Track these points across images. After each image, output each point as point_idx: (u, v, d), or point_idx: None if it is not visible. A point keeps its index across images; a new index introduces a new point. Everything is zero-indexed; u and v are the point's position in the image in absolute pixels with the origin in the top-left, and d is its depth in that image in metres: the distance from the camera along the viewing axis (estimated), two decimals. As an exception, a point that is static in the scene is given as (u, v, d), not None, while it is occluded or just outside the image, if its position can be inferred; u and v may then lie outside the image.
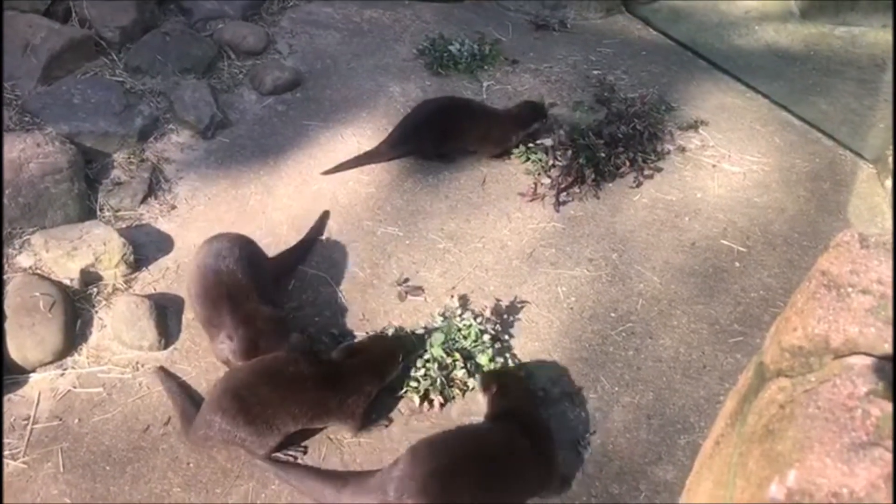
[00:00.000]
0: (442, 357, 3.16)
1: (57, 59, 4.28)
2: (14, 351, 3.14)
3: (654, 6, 5.78)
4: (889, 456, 1.06)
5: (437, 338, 3.21)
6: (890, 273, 1.32)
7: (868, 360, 1.22)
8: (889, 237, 1.44)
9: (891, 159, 4.14)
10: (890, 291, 1.30)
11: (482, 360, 3.18)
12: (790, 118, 4.72)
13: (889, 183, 4.12)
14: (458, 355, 3.17)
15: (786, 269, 3.75)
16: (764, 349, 1.43)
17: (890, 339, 1.24)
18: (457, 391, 3.14)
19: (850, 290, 1.33)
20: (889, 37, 5.44)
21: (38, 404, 3.08)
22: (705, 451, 1.56)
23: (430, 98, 4.45)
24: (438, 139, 4.18)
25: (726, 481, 1.34)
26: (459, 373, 3.14)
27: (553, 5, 5.54)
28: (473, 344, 3.23)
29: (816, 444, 1.11)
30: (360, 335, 3.34)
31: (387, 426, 3.05)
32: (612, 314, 3.52)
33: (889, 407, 1.12)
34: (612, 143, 4.21)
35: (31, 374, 3.18)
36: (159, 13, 4.90)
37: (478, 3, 5.81)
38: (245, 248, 3.27)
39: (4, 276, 3.36)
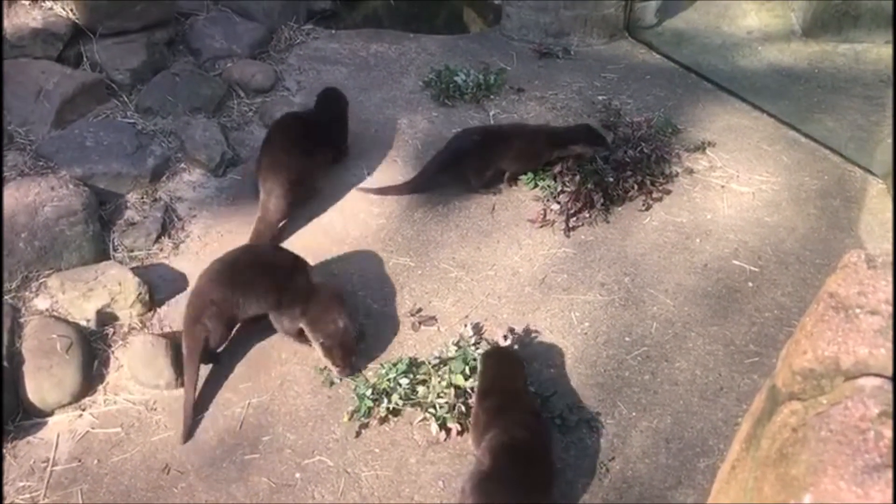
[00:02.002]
0: (462, 385, 3.15)
1: (69, 104, 4.35)
2: (32, 393, 3.17)
3: (656, 30, 5.83)
4: (903, 477, 1.06)
5: (457, 366, 3.21)
6: (898, 293, 1.33)
7: (879, 381, 1.21)
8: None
9: (899, 174, 4.14)
10: (899, 312, 1.30)
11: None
12: (797, 136, 4.72)
13: (899, 198, 4.11)
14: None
15: (799, 287, 3.74)
16: (776, 372, 1.43)
17: (901, 360, 1.24)
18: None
19: (858, 311, 1.33)
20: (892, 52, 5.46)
21: (56, 446, 3.10)
22: (722, 476, 1.56)
23: (468, 128, 4.51)
24: (479, 166, 4.21)
25: (743, 506, 1.34)
26: (475, 402, 3.13)
27: (556, 33, 5.59)
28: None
29: (830, 468, 1.11)
30: (374, 367, 3.35)
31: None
32: (627, 338, 3.51)
33: (902, 428, 1.12)
34: (619, 167, 4.23)
35: (50, 417, 3.20)
36: (168, 54, 4.98)
37: (482, 34, 5.89)
38: None
39: (22, 320, 3.40)
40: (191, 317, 3.30)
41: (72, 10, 4.63)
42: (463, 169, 4.20)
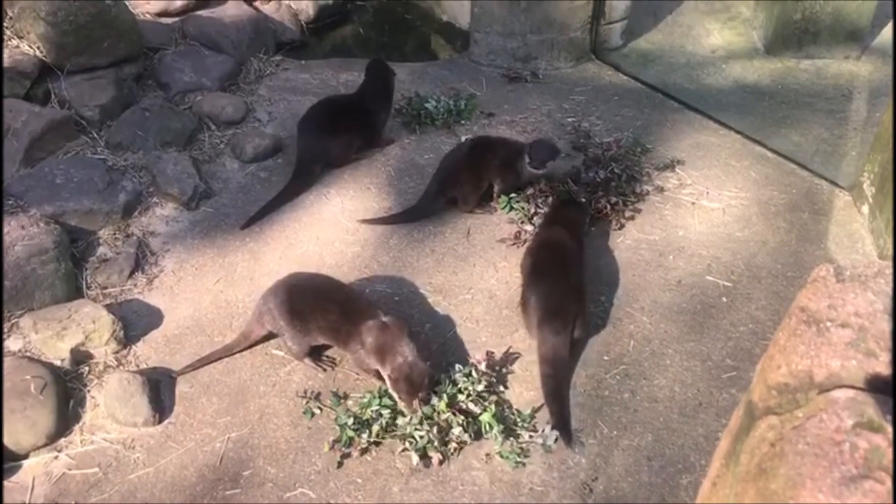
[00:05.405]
0: (443, 411, 3.14)
1: (38, 141, 4.32)
2: (6, 436, 3.10)
3: (622, 51, 5.92)
4: (880, 488, 1.08)
5: (441, 394, 3.20)
6: (865, 305, 1.36)
7: (852, 393, 1.24)
8: (864, 269, 1.47)
9: (865, 185, 4.21)
10: (867, 323, 1.33)
11: (484, 418, 3.16)
12: (764, 152, 4.80)
13: (866, 209, 4.18)
14: (456, 412, 3.16)
15: (773, 300, 3.78)
16: (752, 387, 1.45)
17: (870, 370, 1.27)
18: (453, 447, 3.12)
19: (829, 324, 1.36)
20: (852, 67, 5.59)
21: (32, 490, 3.04)
22: (703, 493, 1.57)
23: (455, 146, 4.55)
24: (475, 180, 4.24)
25: (725, 522, 1.35)
26: (456, 430, 3.12)
27: (524, 57, 5.66)
28: (469, 398, 3.22)
29: (808, 481, 1.12)
30: (356, 396, 3.33)
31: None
32: (605, 357, 3.53)
33: (876, 439, 1.14)
34: (591, 188, 4.28)
35: (25, 460, 3.15)
36: (137, 89, 4.97)
37: (450, 60, 5.95)
38: None
39: (-6, 362, 3.35)
40: (255, 319, 3.53)
41: (39, 47, 4.61)
42: (461, 185, 4.22)
